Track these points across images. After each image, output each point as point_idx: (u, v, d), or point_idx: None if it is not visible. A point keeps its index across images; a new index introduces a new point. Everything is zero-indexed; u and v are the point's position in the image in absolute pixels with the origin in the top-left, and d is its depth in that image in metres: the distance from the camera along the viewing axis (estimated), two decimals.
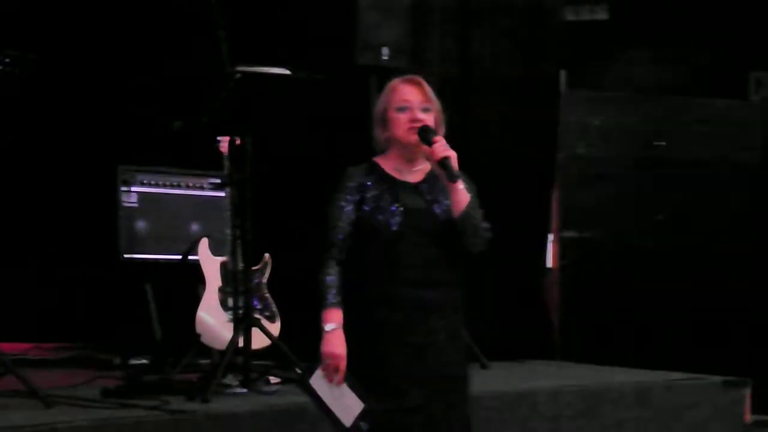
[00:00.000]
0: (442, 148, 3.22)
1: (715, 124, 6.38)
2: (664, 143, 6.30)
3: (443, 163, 3.21)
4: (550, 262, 6.10)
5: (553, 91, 6.07)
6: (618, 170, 6.25)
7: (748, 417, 5.33)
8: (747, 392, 5.32)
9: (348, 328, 3.24)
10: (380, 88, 5.15)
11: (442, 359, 3.27)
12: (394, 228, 3.23)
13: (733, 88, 6.52)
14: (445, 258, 3.26)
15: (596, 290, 6.11)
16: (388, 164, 3.32)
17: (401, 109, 3.28)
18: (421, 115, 3.28)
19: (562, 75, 6.15)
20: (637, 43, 6.37)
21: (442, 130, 3.33)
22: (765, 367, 6.04)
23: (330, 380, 3.23)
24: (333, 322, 3.22)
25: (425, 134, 3.26)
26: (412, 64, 5.41)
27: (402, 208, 3.24)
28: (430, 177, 3.34)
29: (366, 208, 3.25)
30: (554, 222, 6.11)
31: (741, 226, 6.41)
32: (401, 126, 3.28)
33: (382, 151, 3.36)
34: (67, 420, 3.85)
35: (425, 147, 3.25)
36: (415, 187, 3.31)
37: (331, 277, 3.24)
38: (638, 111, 6.32)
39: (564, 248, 6.12)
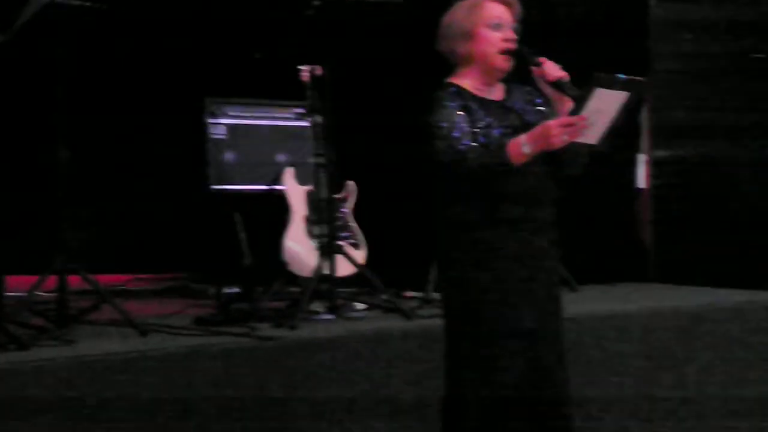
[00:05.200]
0: (554, 68, 3.15)
1: None
2: (763, 55, 6.02)
3: (559, 84, 3.14)
4: (642, 182, 5.96)
5: (643, 5, 5.86)
6: (714, 85, 6.00)
7: None
8: None
9: (457, 254, 3.20)
10: None
11: (551, 279, 3.28)
12: None
13: None
14: (548, 174, 3.22)
15: (690, 210, 5.93)
16: (468, 84, 3.24)
17: (495, 27, 3.19)
18: (512, 35, 3.20)
19: None
20: None
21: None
22: None
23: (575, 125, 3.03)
24: (518, 142, 3.06)
25: (526, 56, 3.18)
26: None
27: (510, 130, 3.18)
28: (508, 94, 3.28)
29: (476, 127, 3.16)
30: (645, 141, 5.95)
31: None
32: (494, 44, 3.19)
33: (453, 66, 3.27)
34: (159, 347, 3.97)
35: (534, 68, 3.17)
36: (504, 106, 3.25)
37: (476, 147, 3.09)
38: (733, 22, 6.04)
39: (656, 168, 5.96)
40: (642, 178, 5.96)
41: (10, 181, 4.24)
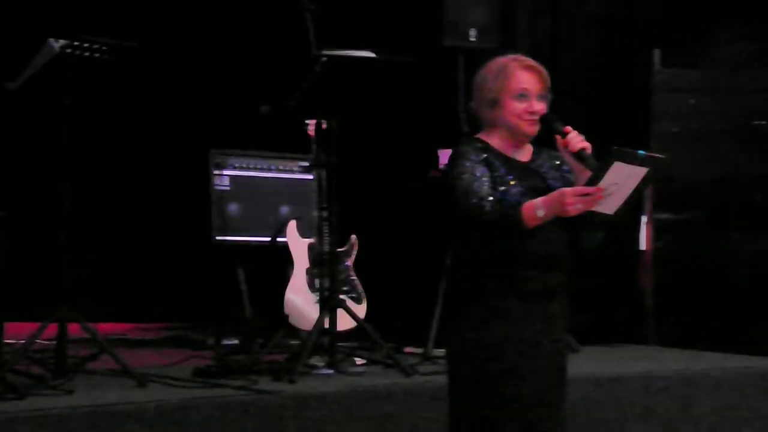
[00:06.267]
0: (577, 139, 3.15)
1: None
2: (764, 122, 6.08)
3: (581, 155, 3.14)
4: (643, 244, 5.97)
5: (647, 71, 5.93)
6: (714, 149, 6.06)
7: None
8: None
9: (466, 313, 3.18)
10: (468, 69, 5.21)
11: (557, 347, 3.24)
12: None
13: None
14: (564, 241, 3.20)
15: (692, 273, 5.95)
16: (495, 142, 3.24)
17: (519, 97, 3.18)
18: (538, 106, 3.19)
19: (656, 54, 6.00)
20: (734, 19, 6.14)
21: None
22: None
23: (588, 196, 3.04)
24: (533, 205, 3.08)
25: (552, 123, 3.18)
26: (501, 45, 5.37)
27: (527, 190, 3.17)
28: (536, 156, 3.28)
29: (496, 184, 3.15)
30: (647, 203, 5.97)
31: None
32: (517, 115, 3.19)
33: (479, 126, 3.28)
34: (158, 398, 3.94)
35: (558, 137, 3.17)
36: (529, 168, 3.25)
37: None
38: (736, 89, 6.10)
39: (658, 230, 5.98)
40: (644, 240, 5.98)
41: (11, 226, 4.24)
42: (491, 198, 3.14)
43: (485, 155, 3.20)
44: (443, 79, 5.31)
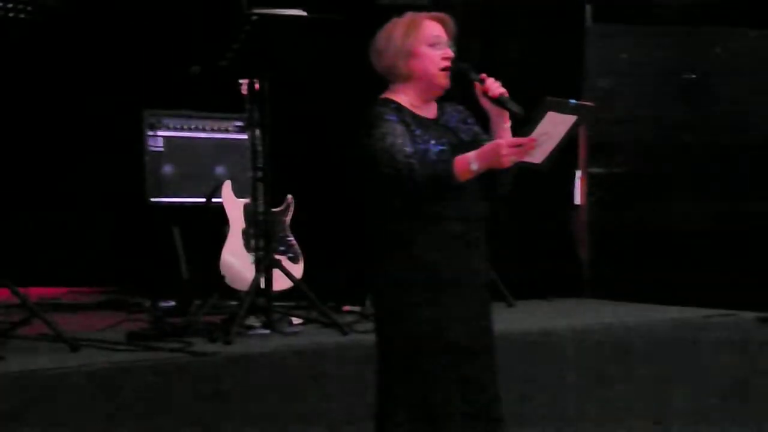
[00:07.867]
0: (495, 84, 3.18)
1: (748, 55, 6.20)
2: (693, 75, 6.15)
3: (501, 100, 3.17)
4: (578, 199, 6.04)
5: (579, 25, 5.96)
6: (647, 104, 6.12)
7: None
8: None
9: (395, 269, 3.20)
10: None
11: (484, 296, 3.29)
12: None
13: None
14: (481, 193, 3.24)
15: (626, 226, 6.03)
16: (405, 100, 3.25)
17: (434, 45, 3.22)
18: (451, 52, 3.23)
19: (588, 9, 6.02)
20: None
21: None
22: None
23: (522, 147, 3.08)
24: (466, 159, 3.09)
25: (468, 72, 3.21)
26: (433, 3, 5.33)
27: (446, 146, 3.19)
28: (441, 112, 3.31)
29: (416, 143, 3.16)
30: (581, 158, 6.03)
31: None
32: (435, 62, 3.21)
33: (386, 84, 3.28)
34: (90, 363, 3.91)
35: (476, 84, 3.19)
36: (438, 124, 3.27)
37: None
38: (667, 44, 6.16)
39: (592, 184, 6.05)
40: (578, 194, 6.04)
41: None
42: (417, 156, 3.14)
43: (399, 115, 3.21)
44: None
